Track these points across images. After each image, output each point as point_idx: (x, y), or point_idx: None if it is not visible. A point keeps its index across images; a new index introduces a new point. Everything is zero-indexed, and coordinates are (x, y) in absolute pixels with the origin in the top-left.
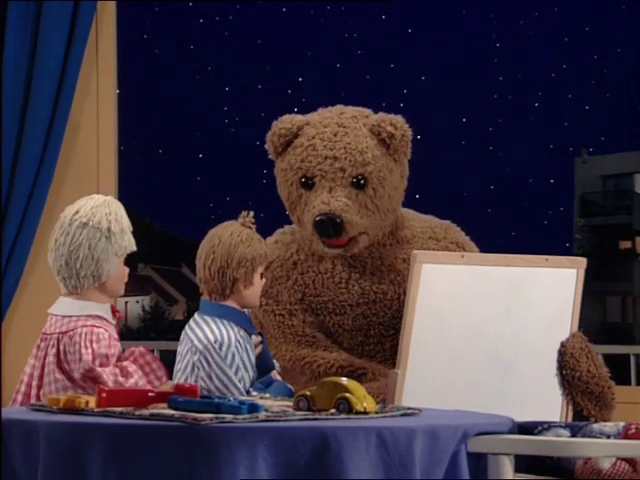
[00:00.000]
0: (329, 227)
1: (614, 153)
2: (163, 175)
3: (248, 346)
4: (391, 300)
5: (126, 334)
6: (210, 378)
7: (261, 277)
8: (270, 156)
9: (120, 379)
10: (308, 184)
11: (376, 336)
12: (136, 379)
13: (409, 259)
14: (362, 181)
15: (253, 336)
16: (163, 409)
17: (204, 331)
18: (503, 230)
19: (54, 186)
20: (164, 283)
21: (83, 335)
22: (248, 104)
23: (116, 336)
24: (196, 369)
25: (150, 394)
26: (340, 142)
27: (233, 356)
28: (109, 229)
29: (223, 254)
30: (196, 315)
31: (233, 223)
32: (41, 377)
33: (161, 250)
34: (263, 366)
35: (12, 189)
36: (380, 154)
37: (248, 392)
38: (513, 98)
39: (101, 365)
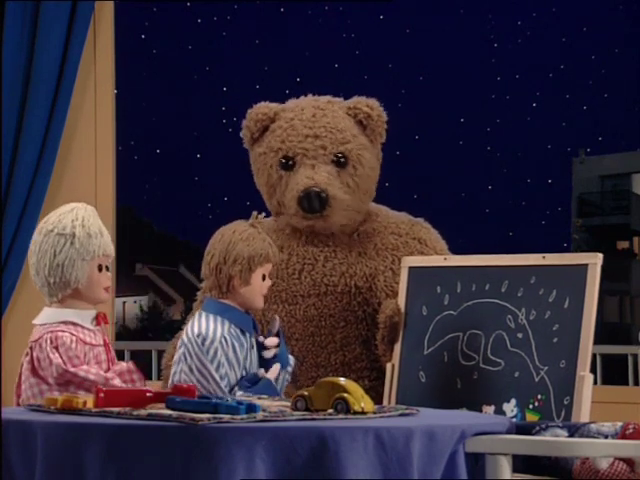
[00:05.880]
0: (314, 201)
1: (612, 153)
2: (161, 175)
3: (237, 344)
4: (342, 293)
5: (124, 334)
6: (191, 371)
7: (263, 278)
8: (245, 144)
9: (102, 374)
10: (288, 165)
11: (327, 327)
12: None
13: (364, 252)
14: (342, 159)
15: (268, 339)
16: (161, 409)
17: (193, 325)
18: (500, 230)
19: (52, 186)
20: (162, 283)
21: (48, 341)
22: (246, 104)
23: (90, 340)
24: (180, 362)
25: (148, 394)
26: (319, 122)
27: (216, 351)
28: (74, 234)
29: (222, 251)
30: (198, 311)
31: (241, 222)
32: (19, 385)
33: (159, 250)
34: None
35: (10, 189)
36: (358, 134)
37: (232, 390)
38: (511, 98)
39: (74, 366)
